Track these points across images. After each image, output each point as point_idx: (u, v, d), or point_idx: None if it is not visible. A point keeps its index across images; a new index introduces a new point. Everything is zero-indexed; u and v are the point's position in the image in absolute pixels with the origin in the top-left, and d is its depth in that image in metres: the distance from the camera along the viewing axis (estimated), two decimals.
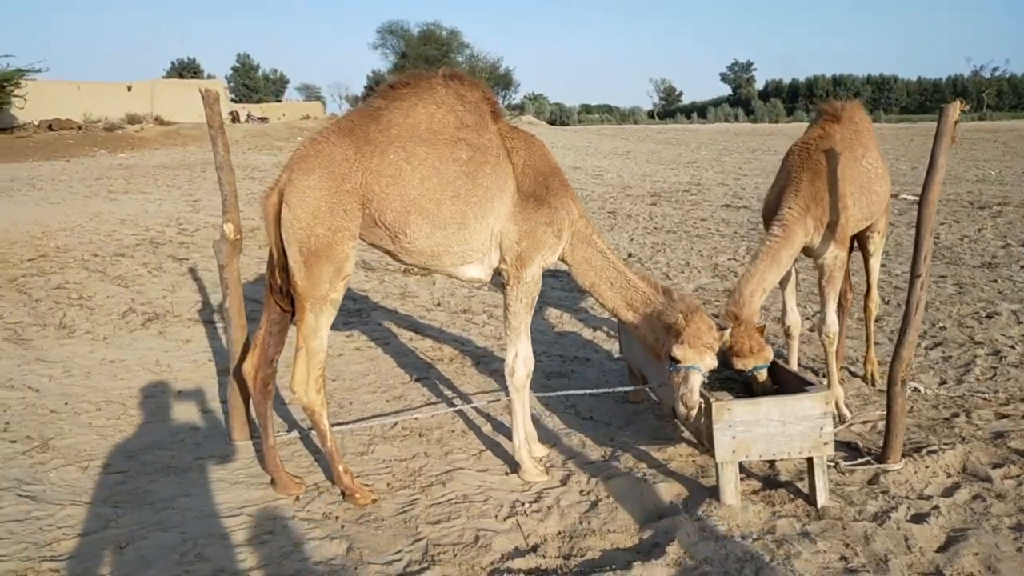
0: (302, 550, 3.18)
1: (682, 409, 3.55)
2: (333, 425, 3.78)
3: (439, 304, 7.48)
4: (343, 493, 3.62)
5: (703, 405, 3.49)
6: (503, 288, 3.84)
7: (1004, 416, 4.47)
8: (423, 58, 74.64)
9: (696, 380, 3.53)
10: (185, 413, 4.70)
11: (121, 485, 3.75)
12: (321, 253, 3.37)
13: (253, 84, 77.98)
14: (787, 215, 4.16)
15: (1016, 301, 7.15)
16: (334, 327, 3.95)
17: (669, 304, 3.69)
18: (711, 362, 3.59)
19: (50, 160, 23.60)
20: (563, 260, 3.93)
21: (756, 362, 3.88)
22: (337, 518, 3.47)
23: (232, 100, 48.72)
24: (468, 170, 3.53)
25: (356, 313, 7.06)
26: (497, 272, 3.83)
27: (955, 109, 3.63)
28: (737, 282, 4.10)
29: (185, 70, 71.22)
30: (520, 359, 3.81)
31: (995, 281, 8.00)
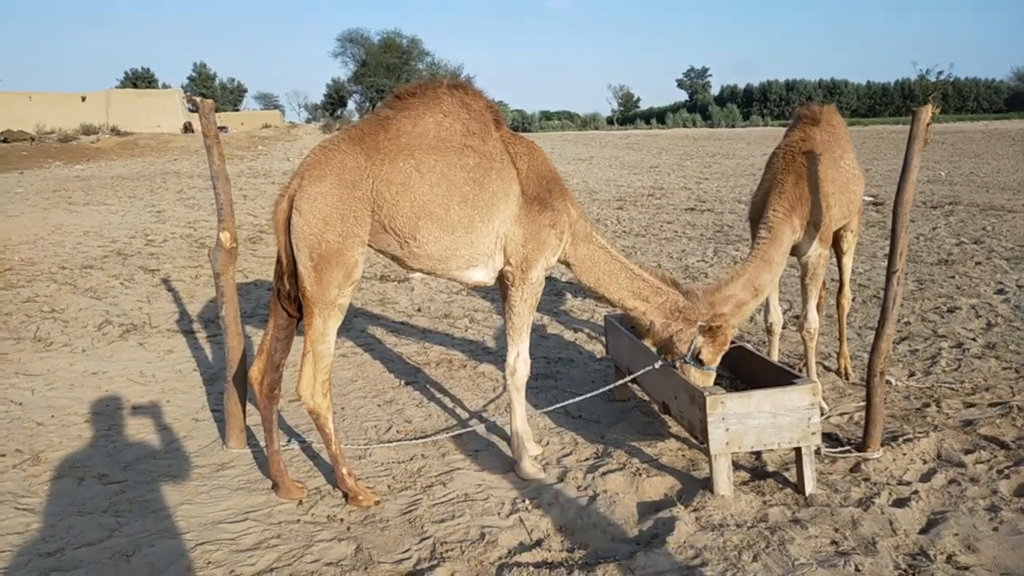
0: (311, 552, 3.23)
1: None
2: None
3: (419, 310, 7.53)
4: (346, 496, 3.67)
5: (698, 398, 3.62)
6: (505, 291, 3.93)
7: (971, 405, 4.71)
8: (384, 66, 74.64)
9: (712, 377, 4.01)
10: (177, 423, 4.68)
11: (120, 495, 3.74)
12: (332, 259, 3.42)
13: (210, 93, 76.96)
14: (773, 217, 4.31)
15: (973, 296, 7.47)
16: None
17: (693, 300, 3.97)
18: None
19: (3, 173, 23.00)
20: (564, 261, 4.03)
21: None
22: (342, 520, 3.52)
23: (189, 110, 48.04)
24: (475, 176, 3.63)
25: None
26: (501, 275, 3.92)
27: (927, 112, 3.79)
28: (719, 279, 4.23)
29: (139, 80, 69.97)
30: (521, 359, 3.92)
31: (952, 277, 8.35)
